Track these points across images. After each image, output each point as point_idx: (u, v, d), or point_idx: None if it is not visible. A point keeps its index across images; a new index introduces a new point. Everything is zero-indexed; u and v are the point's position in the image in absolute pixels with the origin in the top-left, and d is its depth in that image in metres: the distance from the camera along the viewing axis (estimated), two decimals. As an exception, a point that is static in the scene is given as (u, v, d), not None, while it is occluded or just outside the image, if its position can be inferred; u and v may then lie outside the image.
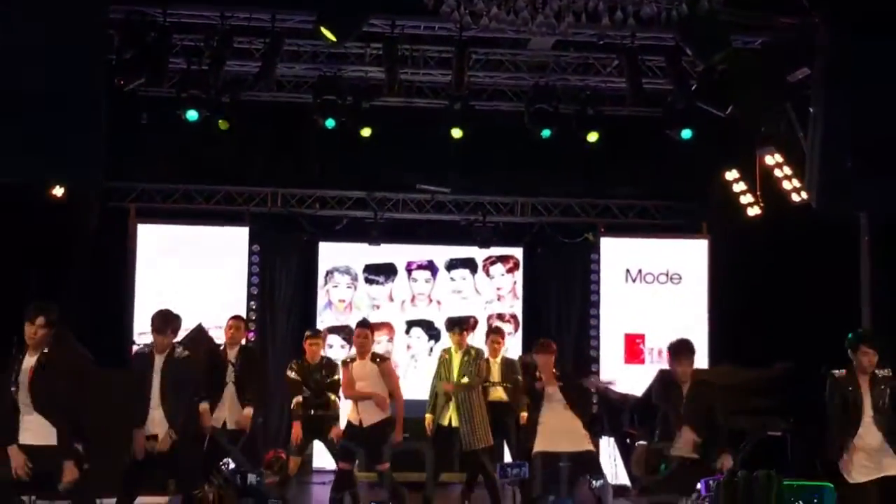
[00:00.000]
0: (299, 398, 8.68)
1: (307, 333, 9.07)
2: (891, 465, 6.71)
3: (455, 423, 8.78)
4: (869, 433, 6.80)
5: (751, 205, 11.33)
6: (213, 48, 8.91)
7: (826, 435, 7.05)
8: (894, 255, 8.64)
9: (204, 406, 7.82)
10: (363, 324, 8.60)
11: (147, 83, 8.63)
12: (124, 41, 8.26)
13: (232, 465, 7.53)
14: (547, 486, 7.28)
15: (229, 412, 8.32)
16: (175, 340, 7.36)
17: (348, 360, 8.47)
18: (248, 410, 8.36)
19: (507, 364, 9.46)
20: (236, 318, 8.90)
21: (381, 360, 8.42)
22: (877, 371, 6.83)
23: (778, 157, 10.41)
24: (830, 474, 7.62)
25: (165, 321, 7.15)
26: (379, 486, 8.97)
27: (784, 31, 8.62)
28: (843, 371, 6.93)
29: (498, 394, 9.29)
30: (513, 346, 11.79)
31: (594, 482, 5.30)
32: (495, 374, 9.33)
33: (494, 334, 9.66)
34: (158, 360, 7.17)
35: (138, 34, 8.36)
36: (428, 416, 8.85)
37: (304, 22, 8.80)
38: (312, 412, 8.69)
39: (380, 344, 10.85)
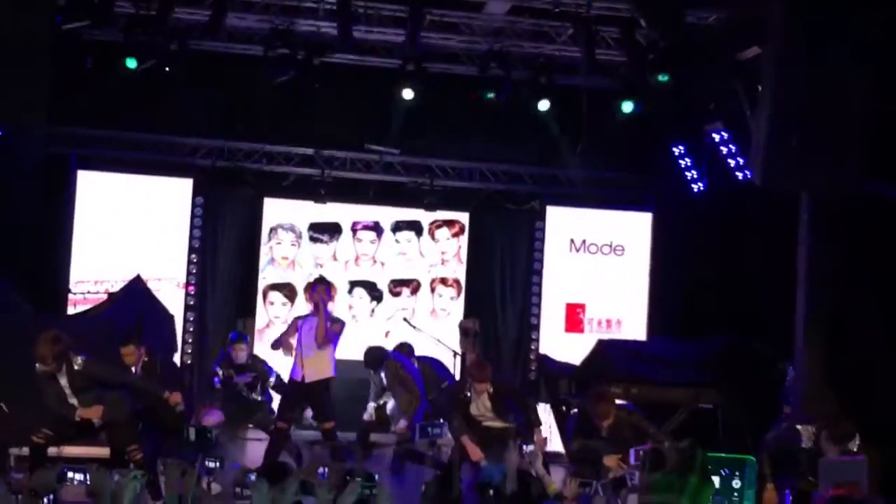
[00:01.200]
0: None
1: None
2: None
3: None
4: None
5: (696, 180, 11.46)
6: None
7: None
8: (832, 234, 8.79)
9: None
10: (323, 280, 8.66)
11: (92, 26, 8.40)
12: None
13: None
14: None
15: None
16: (111, 290, 7.34)
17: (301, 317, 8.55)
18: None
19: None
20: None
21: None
22: None
23: (725, 134, 10.52)
24: (759, 448, 7.81)
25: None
26: (320, 446, 8.98)
27: (738, 9, 8.67)
28: None
29: None
30: (455, 311, 11.85)
31: (525, 448, 5.34)
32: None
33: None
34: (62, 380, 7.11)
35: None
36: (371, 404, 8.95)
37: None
38: None
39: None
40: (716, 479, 3.72)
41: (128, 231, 11.05)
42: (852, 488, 5.81)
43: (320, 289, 8.53)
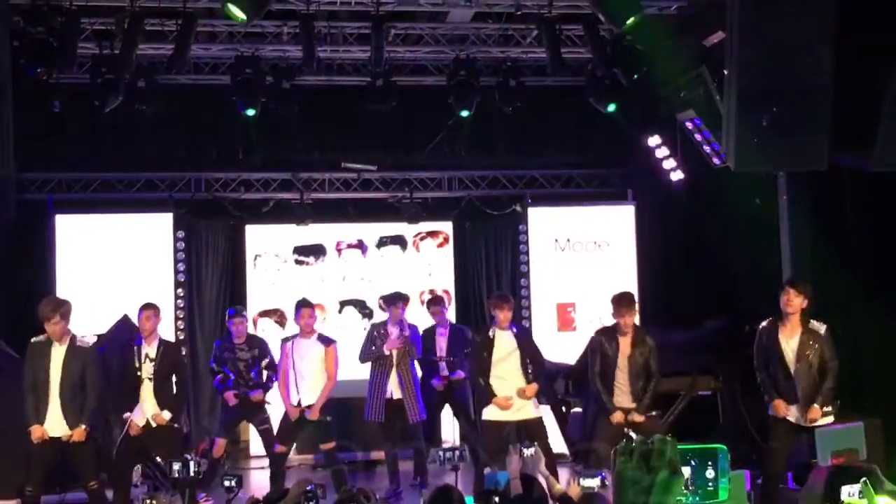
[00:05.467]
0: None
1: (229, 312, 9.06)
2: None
3: (397, 396, 8.88)
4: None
5: (674, 169, 11.47)
6: (124, 31, 8.67)
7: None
8: (812, 212, 8.82)
9: (127, 415, 7.75)
10: (305, 303, 8.67)
11: (57, 69, 8.37)
12: (30, 26, 7.98)
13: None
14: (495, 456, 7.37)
15: (152, 410, 7.87)
16: (99, 333, 7.32)
17: (290, 337, 8.60)
18: (167, 414, 7.86)
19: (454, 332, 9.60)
20: (147, 307, 8.24)
21: (328, 343, 8.55)
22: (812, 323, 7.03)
23: (698, 121, 10.52)
24: (762, 431, 7.82)
25: (50, 307, 7.11)
26: (321, 468, 8.99)
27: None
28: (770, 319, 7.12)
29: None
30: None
31: (525, 451, 5.32)
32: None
33: (435, 305, 9.78)
34: (58, 351, 7.11)
35: (44, 19, 8.08)
36: None
37: (217, 1, 8.62)
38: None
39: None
40: (686, 470, 3.72)
41: (111, 271, 10.98)
42: (851, 456, 5.81)
43: (304, 311, 8.60)
